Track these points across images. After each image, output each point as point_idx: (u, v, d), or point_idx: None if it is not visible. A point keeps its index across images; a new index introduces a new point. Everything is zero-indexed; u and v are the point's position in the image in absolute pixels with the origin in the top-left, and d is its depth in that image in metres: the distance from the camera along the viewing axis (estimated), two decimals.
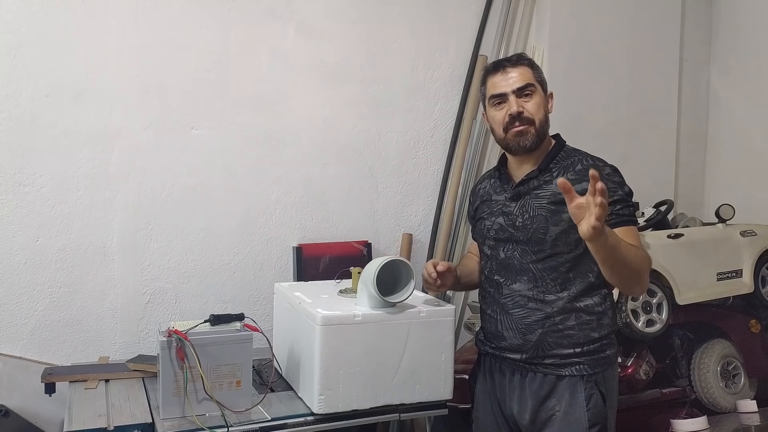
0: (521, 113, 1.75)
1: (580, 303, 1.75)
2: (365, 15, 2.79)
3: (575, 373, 1.74)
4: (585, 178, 1.67)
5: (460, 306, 2.86)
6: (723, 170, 3.48)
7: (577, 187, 1.64)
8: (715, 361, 2.72)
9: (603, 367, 1.77)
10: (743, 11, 3.38)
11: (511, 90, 1.77)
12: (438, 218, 2.91)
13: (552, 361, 1.76)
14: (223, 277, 2.61)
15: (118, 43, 2.42)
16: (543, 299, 1.76)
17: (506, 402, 1.84)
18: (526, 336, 1.77)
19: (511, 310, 1.80)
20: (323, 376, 1.79)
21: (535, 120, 1.76)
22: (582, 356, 1.75)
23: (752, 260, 2.83)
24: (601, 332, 1.77)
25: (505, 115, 1.77)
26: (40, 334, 2.37)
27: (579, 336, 1.75)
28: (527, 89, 1.77)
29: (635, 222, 1.77)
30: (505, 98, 1.78)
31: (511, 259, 1.80)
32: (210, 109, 2.56)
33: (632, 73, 3.23)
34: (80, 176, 2.39)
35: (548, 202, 1.75)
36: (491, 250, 1.87)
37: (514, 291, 1.80)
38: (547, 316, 1.76)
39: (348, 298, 1.98)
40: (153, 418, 1.80)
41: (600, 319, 1.77)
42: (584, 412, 1.73)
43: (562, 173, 1.75)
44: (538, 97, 1.78)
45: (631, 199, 1.77)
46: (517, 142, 1.77)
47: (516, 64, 1.80)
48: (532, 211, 1.77)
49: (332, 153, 2.76)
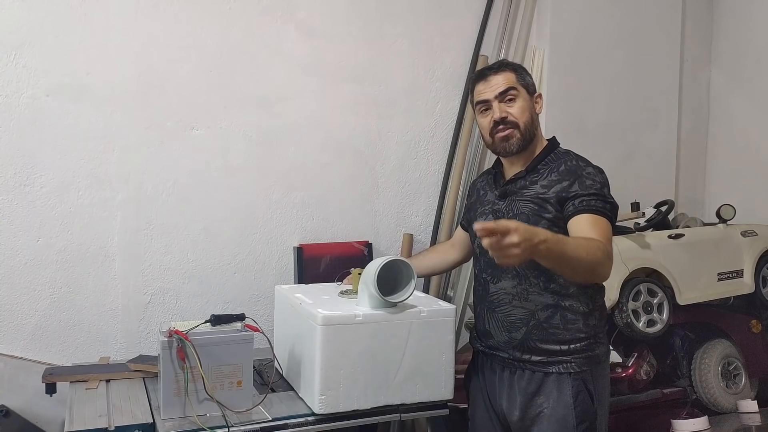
0: (505, 118, 1.80)
1: (564, 302, 1.77)
2: (366, 15, 2.79)
3: (562, 370, 1.77)
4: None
5: (461, 306, 2.86)
6: (723, 170, 3.48)
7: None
8: (715, 361, 2.72)
9: (591, 365, 1.79)
10: (743, 11, 3.38)
11: (493, 96, 1.81)
12: (439, 218, 2.91)
13: (540, 359, 1.78)
14: (224, 277, 2.61)
15: (119, 43, 2.42)
16: (527, 297, 1.79)
17: (496, 399, 1.87)
18: (512, 333, 1.80)
19: (497, 308, 1.83)
20: (324, 376, 1.78)
21: (520, 123, 1.81)
22: (569, 354, 1.77)
23: (753, 260, 2.84)
24: (588, 332, 1.79)
25: (490, 120, 1.83)
26: (41, 335, 2.37)
27: (565, 335, 1.77)
28: (509, 93, 1.81)
29: (606, 215, 1.72)
30: (489, 104, 1.83)
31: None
32: (210, 109, 2.56)
33: (633, 73, 3.23)
34: (81, 176, 2.39)
35: (531, 201, 1.78)
36: (480, 249, 1.89)
37: (500, 289, 1.83)
38: (531, 314, 1.78)
39: (349, 299, 1.98)
40: (154, 418, 1.80)
41: (586, 319, 1.79)
42: (571, 409, 1.75)
43: (548, 174, 1.80)
44: (522, 101, 1.82)
45: (609, 199, 1.75)
46: (503, 146, 1.83)
47: (498, 71, 1.85)
48: (516, 209, 1.81)
49: (333, 153, 2.76)
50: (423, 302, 1.95)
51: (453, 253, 2.16)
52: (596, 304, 1.83)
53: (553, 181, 1.77)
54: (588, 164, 1.81)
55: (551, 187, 1.77)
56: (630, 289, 2.48)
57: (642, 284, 2.52)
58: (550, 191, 1.76)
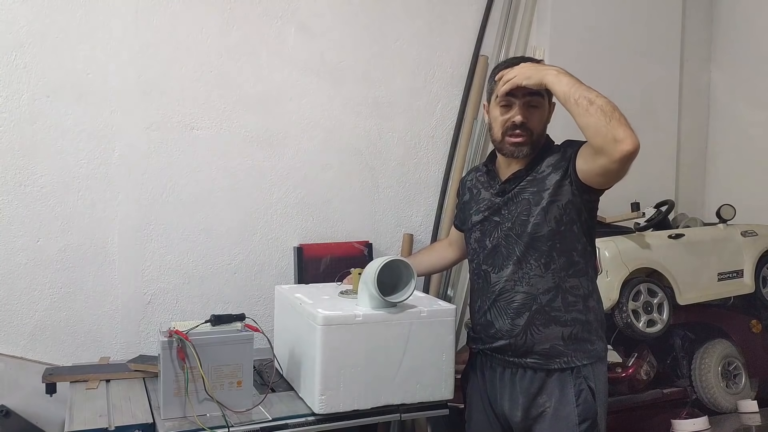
0: (524, 123, 1.78)
1: (565, 283, 1.78)
2: (366, 15, 2.79)
3: (564, 366, 1.77)
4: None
5: (461, 306, 2.86)
6: (723, 170, 3.48)
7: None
8: (716, 361, 2.72)
9: (591, 360, 1.79)
10: (743, 11, 3.38)
11: (521, 95, 1.77)
12: (439, 218, 2.91)
13: (541, 348, 1.77)
14: (224, 277, 2.61)
15: (119, 44, 2.42)
16: (528, 281, 1.78)
17: (497, 400, 1.86)
18: (515, 320, 1.79)
19: (499, 296, 1.83)
20: (324, 377, 1.78)
21: (535, 132, 1.79)
22: (570, 345, 1.77)
23: (753, 260, 2.84)
24: (588, 315, 1.79)
25: (508, 120, 1.79)
26: (41, 335, 2.37)
27: (566, 318, 1.77)
28: (535, 100, 1.78)
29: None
30: (512, 103, 1.78)
31: (498, 246, 1.83)
32: (211, 110, 2.56)
33: (633, 73, 3.23)
34: (81, 176, 2.39)
35: (531, 192, 1.79)
36: (478, 243, 1.90)
37: (501, 277, 1.82)
38: (533, 298, 1.78)
39: (349, 299, 1.98)
40: (154, 418, 1.80)
41: (586, 301, 1.79)
42: (574, 408, 1.75)
43: (544, 169, 1.79)
44: (542, 110, 1.81)
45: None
46: (512, 150, 1.81)
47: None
48: (515, 210, 1.80)
49: (333, 153, 2.76)
50: (423, 302, 1.95)
51: (451, 252, 2.16)
52: (595, 285, 1.85)
53: (547, 173, 1.77)
54: (572, 140, 1.81)
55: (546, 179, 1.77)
56: (630, 289, 2.49)
57: (642, 284, 2.52)
58: (548, 183, 1.76)
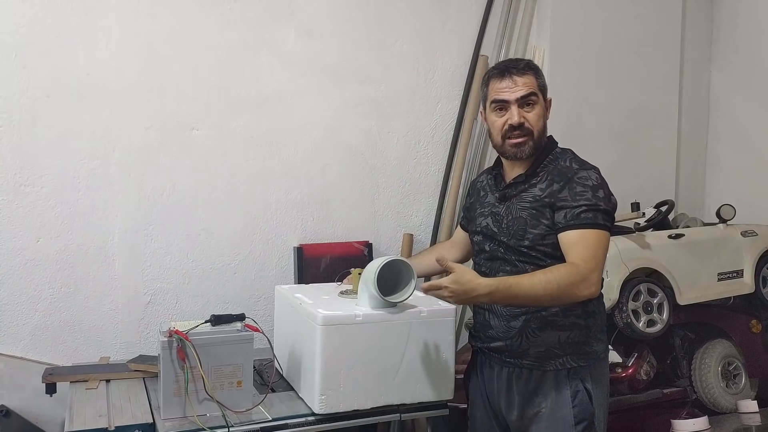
0: (522, 124, 1.76)
1: None
2: (366, 15, 2.79)
3: (559, 367, 1.76)
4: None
5: (461, 306, 2.86)
6: (723, 170, 3.48)
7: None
8: (716, 361, 2.72)
9: (589, 361, 1.78)
10: (743, 11, 3.38)
11: (514, 99, 1.76)
12: (439, 218, 2.91)
13: (536, 351, 1.77)
14: (224, 277, 2.61)
15: (119, 44, 2.42)
16: None
17: (495, 398, 1.87)
18: (510, 323, 1.79)
19: None
20: (324, 376, 1.78)
21: (534, 131, 1.78)
22: (566, 348, 1.76)
23: (753, 260, 2.84)
24: (587, 320, 1.78)
25: (505, 123, 1.78)
26: (41, 335, 2.37)
27: (564, 323, 1.76)
28: (530, 99, 1.77)
29: (596, 224, 1.69)
30: (507, 106, 1.77)
31: (496, 252, 1.85)
32: (211, 110, 2.56)
33: (633, 73, 3.23)
34: (81, 177, 2.39)
35: (530, 205, 1.78)
36: (479, 246, 1.91)
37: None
38: None
39: (349, 299, 1.98)
40: (154, 418, 1.80)
41: (585, 305, 1.78)
42: (570, 408, 1.75)
43: (547, 177, 1.78)
44: (539, 108, 1.79)
45: (603, 204, 1.71)
46: (514, 152, 1.80)
47: (523, 72, 1.78)
48: (515, 213, 1.80)
49: (333, 153, 2.76)
50: (423, 302, 1.94)
51: (453, 253, 2.16)
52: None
53: (549, 184, 1.76)
54: (582, 167, 1.77)
55: (547, 189, 1.76)
56: (630, 289, 2.49)
57: (642, 284, 2.52)
58: (545, 193, 1.75)
